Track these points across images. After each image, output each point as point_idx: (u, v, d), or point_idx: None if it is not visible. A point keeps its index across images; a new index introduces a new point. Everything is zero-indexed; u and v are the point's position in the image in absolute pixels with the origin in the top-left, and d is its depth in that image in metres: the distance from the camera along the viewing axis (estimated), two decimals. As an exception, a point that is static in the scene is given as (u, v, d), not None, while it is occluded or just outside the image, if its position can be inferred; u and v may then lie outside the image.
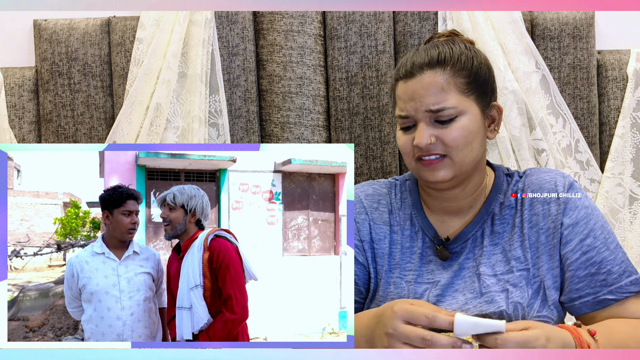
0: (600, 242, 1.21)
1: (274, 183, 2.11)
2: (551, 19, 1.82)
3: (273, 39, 1.84)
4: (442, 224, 1.29)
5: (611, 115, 1.85)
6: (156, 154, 1.73)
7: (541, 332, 1.01)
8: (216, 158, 1.78)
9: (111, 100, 1.88)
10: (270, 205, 2.11)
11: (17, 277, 2.04)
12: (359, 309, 1.29)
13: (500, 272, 1.23)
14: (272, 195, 2.11)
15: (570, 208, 1.23)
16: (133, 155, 1.79)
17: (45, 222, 2.12)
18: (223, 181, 1.93)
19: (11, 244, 2.07)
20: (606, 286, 1.19)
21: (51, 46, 1.85)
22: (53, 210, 2.13)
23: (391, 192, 1.35)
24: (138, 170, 1.83)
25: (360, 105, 1.85)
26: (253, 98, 1.87)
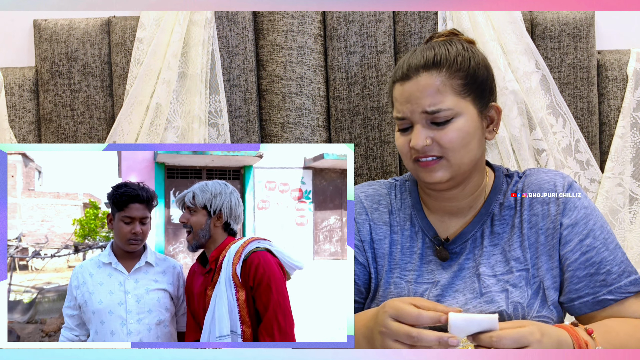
0: (599, 243, 1.21)
1: (303, 180, 1.96)
2: (551, 19, 1.82)
3: (273, 39, 1.84)
4: (442, 225, 1.29)
5: (611, 115, 1.85)
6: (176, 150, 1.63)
7: (535, 328, 1.01)
8: (241, 154, 1.68)
9: (111, 100, 1.88)
10: (299, 204, 1.96)
11: (36, 277, 2.02)
12: (359, 309, 1.29)
13: (499, 272, 1.23)
14: (301, 194, 1.96)
15: (569, 208, 1.23)
16: (151, 152, 1.68)
17: (65, 223, 2.09)
18: (248, 179, 1.81)
19: (30, 244, 2.06)
20: (605, 286, 1.19)
21: (51, 46, 1.85)
22: (73, 211, 2.09)
23: (391, 193, 1.35)
24: (157, 168, 1.73)
25: (360, 105, 1.85)
26: (253, 98, 1.87)
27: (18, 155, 1.95)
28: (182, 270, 1.16)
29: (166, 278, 1.11)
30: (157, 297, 1.09)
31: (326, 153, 1.77)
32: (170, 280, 1.11)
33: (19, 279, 1.99)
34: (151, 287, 1.10)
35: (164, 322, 1.09)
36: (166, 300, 1.10)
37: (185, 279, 1.15)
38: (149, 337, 1.07)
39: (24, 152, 1.93)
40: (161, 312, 1.09)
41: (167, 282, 1.11)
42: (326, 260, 1.96)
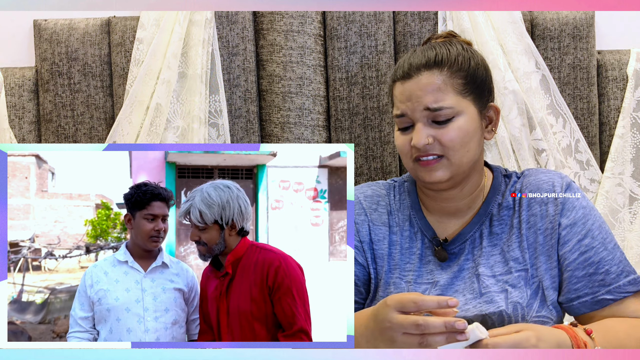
0: (598, 242, 1.21)
1: (318, 179, 1.89)
2: (551, 19, 1.82)
3: (273, 39, 1.84)
4: (441, 225, 1.29)
5: (611, 115, 1.85)
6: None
7: (532, 333, 1.02)
8: (254, 152, 1.63)
9: (111, 100, 1.88)
10: (314, 204, 1.90)
11: (48, 278, 2.02)
12: (359, 310, 1.29)
13: (499, 272, 1.23)
14: (316, 193, 1.90)
15: (568, 208, 1.23)
16: (162, 152, 1.64)
17: (78, 224, 2.08)
18: (261, 178, 1.76)
19: (43, 245, 2.06)
20: (604, 286, 1.20)
21: (51, 46, 1.85)
22: (85, 212, 2.08)
23: (390, 194, 1.35)
24: (167, 168, 1.69)
25: (360, 105, 1.85)
26: (253, 98, 1.87)
27: (32, 157, 1.96)
28: (195, 277, 1.15)
29: (181, 279, 1.12)
30: (173, 297, 1.09)
31: (342, 151, 1.73)
32: (185, 282, 1.12)
33: (32, 279, 1.99)
34: (168, 286, 1.10)
35: (179, 322, 1.10)
36: (181, 301, 1.11)
37: (197, 286, 1.13)
38: (165, 336, 1.07)
39: (38, 154, 1.93)
40: (177, 312, 1.09)
41: (182, 283, 1.11)
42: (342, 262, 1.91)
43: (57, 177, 2.01)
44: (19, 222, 2.00)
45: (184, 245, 1.62)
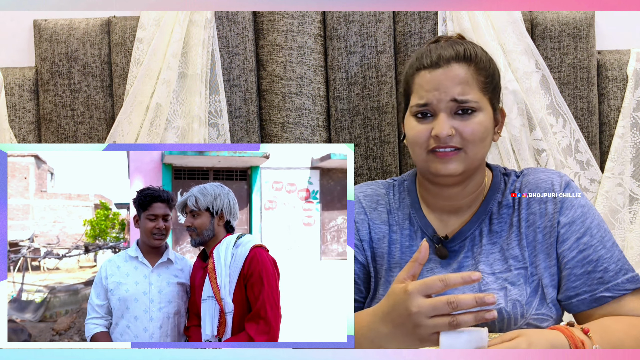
0: (596, 241, 1.22)
1: (311, 180, 1.93)
2: (551, 19, 1.82)
3: (273, 39, 1.84)
4: (441, 223, 1.30)
5: (611, 115, 1.85)
6: (183, 151, 1.66)
7: (522, 339, 1.02)
8: (247, 154, 1.68)
9: (111, 100, 1.88)
10: (306, 204, 1.93)
11: (48, 277, 2.04)
12: (359, 309, 1.29)
13: (498, 270, 1.24)
14: (308, 194, 1.93)
15: (566, 207, 1.24)
16: (159, 153, 1.69)
17: (77, 224, 2.13)
18: (255, 179, 1.80)
19: (42, 245, 2.08)
20: (603, 284, 1.20)
21: (51, 46, 1.86)
22: (84, 212, 2.12)
23: (389, 193, 1.35)
24: (164, 169, 1.73)
25: (360, 105, 1.85)
26: (253, 98, 1.87)
27: (31, 158, 1.97)
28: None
29: (184, 274, 1.26)
30: (176, 290, 1.23)
31: (333, 153, 1.77)
32: (187, 277, 1.25)
33: (31, 279, 2.02)
34: (172, 280, 1.24)
35: (180, 312, 1.23)
36: (183, 294, 1.24)
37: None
38: (167, 325, 1.21)
39: (37, 154, 1.95)
40: (179, 303, 1.23)
41: (184, 277, 1.25)
42: (333, 261, 1.95)
43: (56, 177, 2.02)
44: (18, 222, 2.01)
45: (180, 245, 1.67)
